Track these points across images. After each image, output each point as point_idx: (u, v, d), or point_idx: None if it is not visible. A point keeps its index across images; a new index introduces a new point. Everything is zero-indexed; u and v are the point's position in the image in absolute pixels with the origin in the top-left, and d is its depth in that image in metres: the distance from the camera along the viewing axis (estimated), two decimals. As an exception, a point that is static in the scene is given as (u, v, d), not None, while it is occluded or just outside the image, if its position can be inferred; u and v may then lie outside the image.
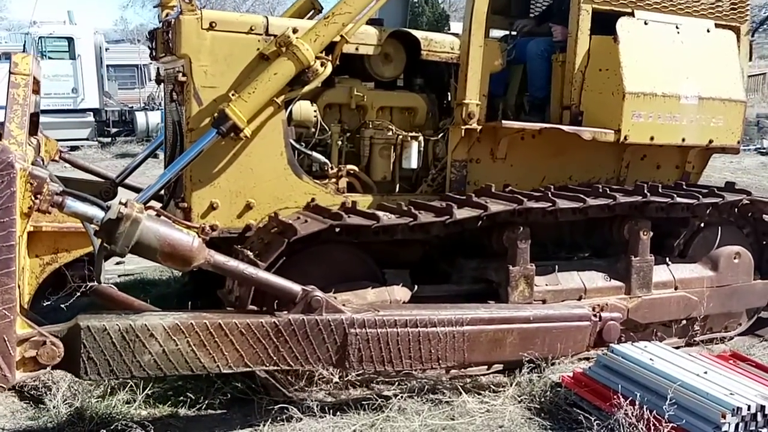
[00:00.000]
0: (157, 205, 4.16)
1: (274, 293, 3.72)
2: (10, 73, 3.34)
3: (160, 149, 5.79)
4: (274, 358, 3.54)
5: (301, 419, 3.70)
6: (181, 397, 3.96)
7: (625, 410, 3.53)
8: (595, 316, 4.38)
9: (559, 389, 4.08)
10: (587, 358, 4.48)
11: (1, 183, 2.89)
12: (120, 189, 5.56)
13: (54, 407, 3.78)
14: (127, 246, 3.13)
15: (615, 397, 3.69)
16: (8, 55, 19.03)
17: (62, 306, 3.81)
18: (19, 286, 3.12)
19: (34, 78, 3.84)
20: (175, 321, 3.36)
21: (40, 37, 17.96)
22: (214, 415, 3.89)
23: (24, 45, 18.79)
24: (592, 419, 3.61)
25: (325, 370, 3.74)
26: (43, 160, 4.32)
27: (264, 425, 3.69)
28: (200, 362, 3.41)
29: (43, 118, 18.56)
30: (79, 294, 3.76)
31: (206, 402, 3.92)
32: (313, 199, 4.52)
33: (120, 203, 3.17)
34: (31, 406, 3.88)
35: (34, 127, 4.62)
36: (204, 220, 4.33)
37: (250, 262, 3.91)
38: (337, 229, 4.11)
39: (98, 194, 5.28)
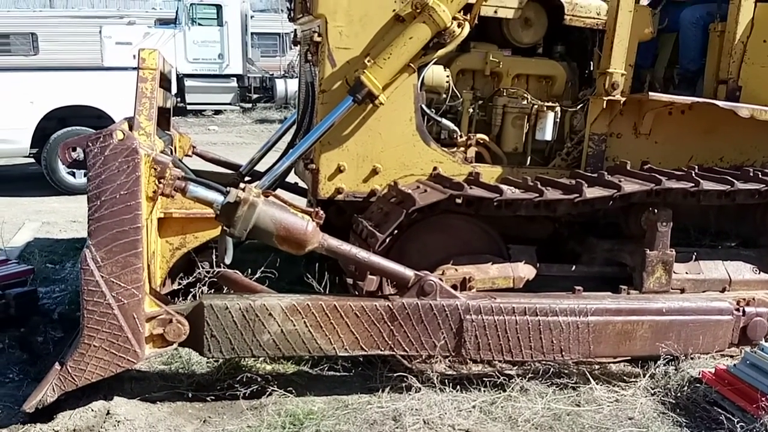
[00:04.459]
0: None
1: (387, 277, 3.71)
2: (138, 68, 3.45)
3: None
4: (389, 342, 3.55)
5: (420, 389, 3.65)
6: (305, 357, 4.00)
7: (774, 414, 3.22)
8: (738, 310, 4.03)
9: (698, 385, 3.78)
10: (731, 355, 4.12)
11: (127, 168, 3.06)
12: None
13: (186, 354, 3.94)
14: (245, 229, 3.25)
15: (763, 399, 3.37)
16: (163, 21, 20.19)
17: (191, 290, 3.98)
18: (149, 268, 3.28)
19: (163, 75, 3.96)
20: (293, 302, 3.45)
21: (191, 4, 18.80)
22: (335, 377, 3.91)
23: (177, 11, 19.75)
24: (735, 420, 3.33)
25: (441, 357, 3.68)
26: (173, 152, 4.48)
27: (383, 392, 3.68)
28: (317, 343, 3.48)
29: (190, 82, 19.47)
30: (207, 279, 3.90)
31: (328, 364, 3.95)
32: (435, 168, 4.41)
33: (239, 188, 3.27)
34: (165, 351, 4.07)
35: (166, 123, 4.81)
36: (331, 182, 4.34)
37: (368, 233, 3.88)
38: (458, 201, 3.98)
39: (226, 185, 5.45)
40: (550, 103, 4.68)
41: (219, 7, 19.00)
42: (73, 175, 9.28)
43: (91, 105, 9.19)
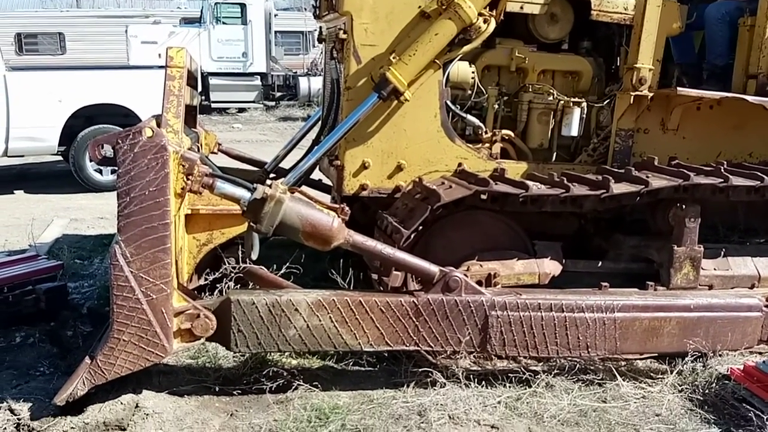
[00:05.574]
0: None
1: (412, 273, 3.71)
2: (166, 66, 3.48)
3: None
4: (414, 338, 3.56)
5: (444, 385, 3.65)
6: (330, 352, 4.01)
7: (803, 412, 3.17)
8: (767, 307, 3.97)
9: (726, 382, 3.73)
10: (760, 352, 4.07)
11: (156, 165, 3.08)
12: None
13: (213, 348, 3.98)
14: (271, 225, 3.28)
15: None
16: (188, 20, 20.33)
17: (217, 285, 4.03)
18: (177, 264, 3.31)
19: (190, 73, 4.00)
20: (318, 297, 3.47)
21: (216, 3, 18.92)
22: (360, 372, 3.92)
23: (201, 10, 19.88)
24: (765, 418, 3.29)
25: (466, 353, 3.67)
26: (199, 149, 4.51)
27: (408, 387, 3.68)
28: (342, 339, 3.49)
29: (214, 80, 19.65)
30: (233, 274, 3.94)
31: (353, 359, 3.96)
32: (460, 164, 4.39)
33: (266, 185, 3.29)
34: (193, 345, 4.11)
35: (192, 120, 4.85)
36: (356, 178, 4.35)
37: (393, 229, 3.89)
38: (483, 197, 3.97)
39: (252, 182, 5.49)
40: (576, 99, 4.63)
41: (243, 6, 19.10)
42: (100, 172, 9.40)
43: (118, 103, 9.30)
